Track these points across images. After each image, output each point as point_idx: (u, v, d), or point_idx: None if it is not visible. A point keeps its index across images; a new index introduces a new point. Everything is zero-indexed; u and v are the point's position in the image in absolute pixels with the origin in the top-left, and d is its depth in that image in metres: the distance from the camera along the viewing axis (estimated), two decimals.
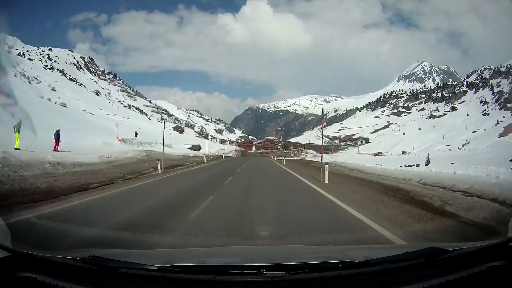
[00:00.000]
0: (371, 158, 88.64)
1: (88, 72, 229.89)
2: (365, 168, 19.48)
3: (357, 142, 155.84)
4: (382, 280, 1.56)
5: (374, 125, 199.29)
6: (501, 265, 1.61)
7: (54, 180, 7.84)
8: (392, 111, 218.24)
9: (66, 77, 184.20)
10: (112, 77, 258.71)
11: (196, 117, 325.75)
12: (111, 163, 14.12)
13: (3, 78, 4.37)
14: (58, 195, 6.11)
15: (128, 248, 2.98)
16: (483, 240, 2.13)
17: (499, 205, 5.16)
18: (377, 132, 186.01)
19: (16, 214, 4.35)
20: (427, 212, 5.06)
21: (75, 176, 9.06)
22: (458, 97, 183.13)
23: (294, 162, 34.12)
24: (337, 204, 6.09)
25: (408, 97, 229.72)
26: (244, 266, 1.65)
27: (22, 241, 1.99)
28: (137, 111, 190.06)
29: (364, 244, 3.38)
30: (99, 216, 4.86)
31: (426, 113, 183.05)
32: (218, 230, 4.05)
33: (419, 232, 3.91)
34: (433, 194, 6.94)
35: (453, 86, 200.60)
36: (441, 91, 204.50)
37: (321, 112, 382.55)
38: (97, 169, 11.42)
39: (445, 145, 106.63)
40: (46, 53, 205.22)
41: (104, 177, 9.68)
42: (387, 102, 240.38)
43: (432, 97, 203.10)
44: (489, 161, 26.28)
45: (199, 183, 10.25)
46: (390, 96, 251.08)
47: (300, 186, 9.79)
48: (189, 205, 5.64)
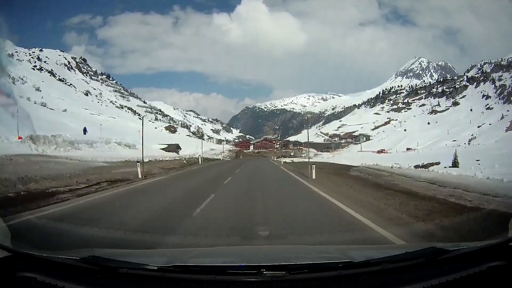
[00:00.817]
0: (375, 156, 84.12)
1: (79, 73, 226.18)
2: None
3: (358, 139, 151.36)
4: (382, 280, 1.56)
5: (374, 122, 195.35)
6: (501, 265, 1.61)
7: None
8: (392, 107, 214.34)
9: (55, 78, 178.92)
10: (105, 77, 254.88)
11: (193, 118, 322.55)
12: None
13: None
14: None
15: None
16: (483, 240, 2.07)
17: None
18: (377, 129, 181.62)
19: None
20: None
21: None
22: (459, 91, 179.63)
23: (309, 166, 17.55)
24: None
25: (408, 93, 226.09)
26: (244, 266, 1.65)
27: (21, 241, 1.99)
28: (129, 111, 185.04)
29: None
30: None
31: (427, 109, 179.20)
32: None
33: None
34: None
35: (453, 81, 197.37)
36: (441, 86, 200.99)
37: (319, 110, 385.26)
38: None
39: (451, 140, 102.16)
40: (36, 54, 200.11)
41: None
42: (386, 98, 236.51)
43: (432, 92, 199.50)
44: (504, 157, 24.41)
45: None
46: (389, 92, 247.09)
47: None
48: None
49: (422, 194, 8.03)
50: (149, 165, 19.64)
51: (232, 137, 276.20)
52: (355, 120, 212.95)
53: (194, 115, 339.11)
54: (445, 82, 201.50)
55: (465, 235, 3.97)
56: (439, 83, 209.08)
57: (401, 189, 9.23)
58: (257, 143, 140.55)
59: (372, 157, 77.69)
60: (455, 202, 6.58)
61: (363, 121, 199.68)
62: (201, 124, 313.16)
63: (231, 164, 30.56)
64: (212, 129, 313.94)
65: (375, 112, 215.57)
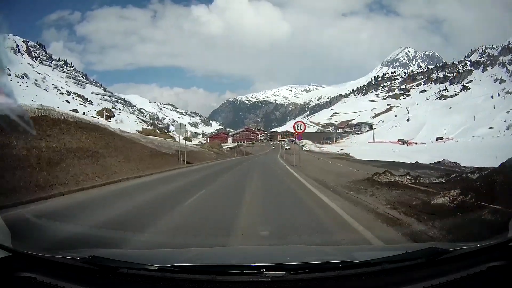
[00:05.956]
0: (405, 148, 61.20)
1: (28, 57, 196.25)
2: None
3: (359, 128, 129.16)
4: (382, 280, 1.56)
5: (372, 109, 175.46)
6: (501, 265, 1.61)
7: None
8: (389, 94, 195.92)
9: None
10: (62, 63, 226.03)
11: (170, 111, 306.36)
12: None
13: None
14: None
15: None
16: (483, 240, 2.04)
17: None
18: (378, 117, 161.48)
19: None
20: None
21: None
22: (464, 76, 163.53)
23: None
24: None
25: (404, 79, 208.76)
26: (244, 266, 1.65)
27: (22, 241, 1.97)
28: (78, 98, 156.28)
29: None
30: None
31: (432, 94, 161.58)
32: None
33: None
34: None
35: (454, 66, 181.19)
36: (441, 71, 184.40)
37: (302, 101, 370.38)
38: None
39: (486, 128, 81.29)
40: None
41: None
42: (380, 85, 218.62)
43: (432, 78, 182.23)
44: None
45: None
46: (383, 78, 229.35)
47: None
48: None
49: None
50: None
51: (211, 130, 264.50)
52: (349, 107, 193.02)
53: (172, 108, 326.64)
54: (446, 67, 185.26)
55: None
56: (438, 68, 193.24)
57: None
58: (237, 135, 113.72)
59: (402, 149, 58.17)
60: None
61: (358, 109, 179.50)
62: (178, 117, 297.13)
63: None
64: (189, 122, 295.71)
65: (370, 99, 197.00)
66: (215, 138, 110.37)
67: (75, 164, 9.69)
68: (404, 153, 44.20)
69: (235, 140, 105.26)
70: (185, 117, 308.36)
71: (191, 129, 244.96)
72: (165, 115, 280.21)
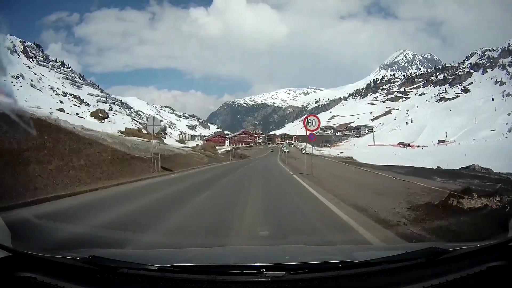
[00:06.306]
0: (406, 152, 60.14)
1: (25, 58, 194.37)
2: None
3: (358, 131, 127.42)
4: (382, 280, 1.55)
5: (371, 112, 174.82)
6: (501, 265, 1.61)
7: None
8: (388, 97, 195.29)
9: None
10: (59, 64, 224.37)
11: (168, 113, 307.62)
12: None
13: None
14: None
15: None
16: (483, 240, 2.05)
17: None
18: (378, 120, 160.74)
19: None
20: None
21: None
22: (463, 79, 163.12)
23: None
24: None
25: (403, 82, 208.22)
26: (244, 266, 1.65)
27: (22, 241, 1.96)
28: (74, 99, 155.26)
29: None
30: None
31: (431, 97, 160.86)
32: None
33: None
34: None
35: (454, 68, 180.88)
36: (440, 73, 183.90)
37: (301, 104, 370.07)
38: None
39: (487, 130, 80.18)
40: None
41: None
42: (378, 88, 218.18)
43: (431, 81, 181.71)
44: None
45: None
46: (382, 81, 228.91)
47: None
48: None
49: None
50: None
51: (209, 133, 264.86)
52: (348, 110, 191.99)
53: (170, 111, 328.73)
54: (445, 70, 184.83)
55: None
56: (437, 70, 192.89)
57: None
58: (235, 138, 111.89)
59: (404, 152, 57.55)
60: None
61: (357, 112, 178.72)
62: (176, 120, 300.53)
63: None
64: (187, 125, 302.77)
65: (369, 102, 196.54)
66: (212, 140, 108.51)
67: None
68: (407, 156, 42.64)
69: (233, 143, 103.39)
70: (183, 120, 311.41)
71: (189, 131, 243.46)
72: (162, 117, 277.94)
